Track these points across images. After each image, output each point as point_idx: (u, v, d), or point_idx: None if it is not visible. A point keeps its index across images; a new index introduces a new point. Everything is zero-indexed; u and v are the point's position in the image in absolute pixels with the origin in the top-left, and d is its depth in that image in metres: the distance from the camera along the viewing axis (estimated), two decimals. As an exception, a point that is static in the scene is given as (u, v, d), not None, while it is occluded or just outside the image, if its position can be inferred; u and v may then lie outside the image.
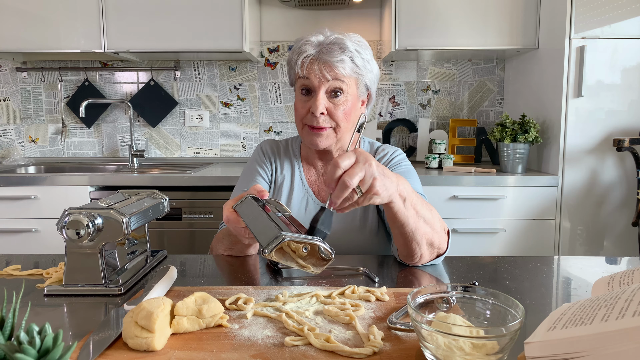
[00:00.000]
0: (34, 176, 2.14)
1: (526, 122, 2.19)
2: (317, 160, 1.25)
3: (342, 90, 1.10)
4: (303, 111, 1.13)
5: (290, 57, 1.16)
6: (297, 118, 1.16)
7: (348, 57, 1.09)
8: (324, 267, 0.72)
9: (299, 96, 1.15)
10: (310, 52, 1.10)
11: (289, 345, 0.62)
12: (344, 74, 1.09)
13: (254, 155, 1.31)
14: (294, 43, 1.16)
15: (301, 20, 2.72)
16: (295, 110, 1.16)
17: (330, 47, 1.09)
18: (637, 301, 0.41)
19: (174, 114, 2.79)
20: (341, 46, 1.09)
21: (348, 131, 1.16)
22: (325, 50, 1.09)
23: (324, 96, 1.10)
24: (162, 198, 1.01)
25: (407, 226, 0.90)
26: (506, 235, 2.13)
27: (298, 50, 1.12)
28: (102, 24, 2.33)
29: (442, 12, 2.31)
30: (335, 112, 1.11)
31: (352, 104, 1.13)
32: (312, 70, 1.09)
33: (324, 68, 1.08)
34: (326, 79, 1.08)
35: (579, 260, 1.04)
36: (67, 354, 0.46)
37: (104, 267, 0.81)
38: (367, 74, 1.14)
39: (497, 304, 0.62)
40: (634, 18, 2.02)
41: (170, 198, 1.07)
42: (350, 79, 1.11)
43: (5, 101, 2.78)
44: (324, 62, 1.08)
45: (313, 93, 1.12)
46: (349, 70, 1.09)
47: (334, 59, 1.08)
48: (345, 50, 1.09)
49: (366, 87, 1.16)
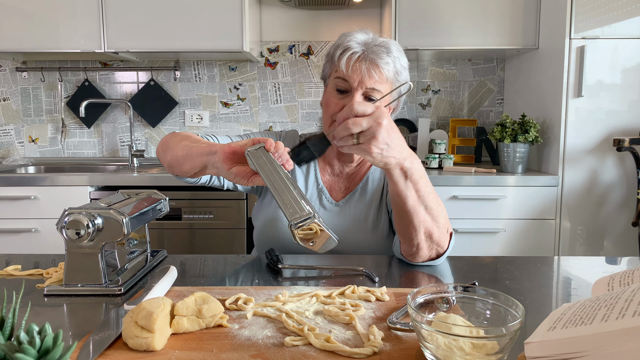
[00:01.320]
0: (34, 176, 2.14)
1: (526, 122, 2.19)
2: (335, 159, 1.24)
3: (376, 97, 1.09)
4: (336, 108, 1.10)
5: (332, 52, 1.13)
6: (326, 114, 1.14)
7: (392, 60, 1.09)
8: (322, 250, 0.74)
9: (333, 92, 1.12)
10: (356, 49, 1.09)
11: (289, 345, 0.62)
12: (387, 76, 1.09)
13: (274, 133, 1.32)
14: (339, 38, 1.14)
15: (301, 20, 2.72)
16: (327, 106, 1.14)
17: (376, 48, 1.09)
18: (637, 301, 0.41)
19: (174, 114, 2.79)
20: (387, 49, 1.10)
21: None
22: (371, 50, 1.09)
23: (360, 98, 1.09)
24: (162, 198, 1.01)
25: (405, 205, 0.92)
26: (506, 235, 2.13)
27: (344, 46, 1.10)
28: (102, 24, 2.33)
29: (442, 12, 2.31)
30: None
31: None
32: (356, 69, 1.08)
33: (370, 67, 1.07)
34: (365, 85, 1.07)
35: (579, 260, 1.04)
36: (67, 354, 0.46)
37: (104, 267, 0.81)
38: (402, 81, 1.14)
39: (497, 304, 0.62)
40: (634, 18, 2.02)
41: (170, 198, 1.07)
42: (387, 85, 1.11)
43: (5, 101, 2.78)
44: (371, 62, 1.07)
45: (347, 93, 1.10)
46: (391, 74, 1.10)
47: (381, 60, 1.08)
48: (390, 53, 1.09)
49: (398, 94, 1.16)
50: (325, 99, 1.15)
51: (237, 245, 2.17)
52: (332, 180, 1.25)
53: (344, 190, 1.23)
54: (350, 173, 1.25)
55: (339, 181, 1.25)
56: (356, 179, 1.24)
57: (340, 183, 1.25)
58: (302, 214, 0.71)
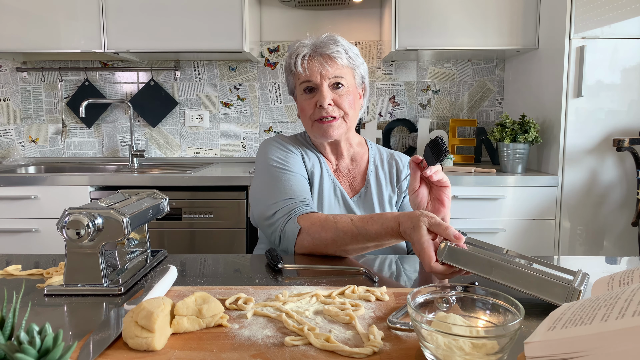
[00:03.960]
0: (34, 176, 2.14)
1: (526, 122, 2.19)
2: (332, 155, 1.27)
3: (343, 82, 1.16)
4: (310, 108, 1.17)
5: (287, 63, 1.21)
6: (305, 118, 1.19)
7: (342, 49, 1.17)
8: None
9: (303, 96, 1.19)
10: (306, 51, 1.16)
11: (289, 345, 0.62)
12: (343, 64, 1.16)
13: (271, 147, 1.21)
14: (288, 51, 1.22)
15: (301, 20, 2.72)
16: (302, 111, 1.19)
17: (324, 42, 1.17)
18: (637, 301, 0.41)
19: (174, 114, 2.79)
20: (334, 40, 1.17)
21: (355, 121, 1.22)
22: (320, 45, 1.16)
23: (328, 89, 1.16)
24: (162, 198, 1.01)
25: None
26: (506, 235, 2.13)
27: (294, 53, 1.18)
28: (102, 24, 2.33)
29: (442, 12, 2.31)
30: (341, 101, 1.16)
31: (354, 94, 1.20)
32: (312, 66, 1.15)
33: (324, 61, 1.14)
34: (327, 73, 1.14)
35: (579, 260, 1.04)
36: (67, 354, 0.46)
37: (104, 267, 0.81)
38: (360, 65, 1.21)
39: (497, 304, 0.62)
40: (634, 18, 2.02)
41: (170, 198, 1.07)
42: (348, 70, 1.18)
43: (5, 101, 2.78)
44: (323, 55, 1.15)
45: (316, 90, 1.17)
46: (345, 61, 1.16)
47: (331, 50, 1.15)
48: (338, 43, 1.17)
49: (361, 77, 1.23)
50: (299, 106, 1.21)
51: (237, 245, 2.17)
52: (335, 175, 1.28)
53: (348, 186, 1.27)
54: (347, 169, 1.28)
55: (341, 177, 1.28)
56: (357, 177, 1.27)
57: (343, 179, 1.28)
58: (565, 293, 0.71)
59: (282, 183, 1.13)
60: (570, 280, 0.72)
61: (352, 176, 1.27)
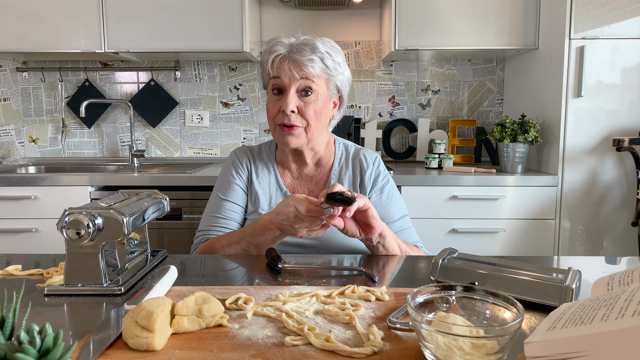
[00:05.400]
0: (34, 176, 2.14)
1: (526, 122, 2.19)
2: (292, 162, 1.25)
3: (312, 90, 1.13)
4: (274, 110, 1.15)
5: (261, 59, 1.18)
6: (269, 118, 1.18)
7: (318, 57, 1.12)
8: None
9: (271, 96, 1.16)
10: (280, 51, 1.13)
11: (289, 345, 0.62)
12: (314, 73, 1.12)
13: (228, 164, 1.30)
14: (267, 44, 1.18)
15: (301, 21, 2.72)
16: (267, 111, 1.18)
17: (300, 47, 1.12)
18: (636, 301, 0.41)
19: (174, 114, 2.79)
20: (312, 47, 1.12)
21: (319, 131, 1.19)
22: (295, 50, 1.12)
23: (295, 95, 1.12)
24: (162, 198, 1.01)
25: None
26: (506, 235, 2.13)
27: (269, 51, 1.14)
28: (102, 24, 2.33)
29: (442, 12, 2.31)
30: (306, 110, 1.13)
31: (323, 103, 1.15)
32: (282, 69, 1.11)
33: (293, 67, 1.11)
34: (295, 78, 1.11)
35: (579, 260, 1.04)
36: (68, 354, 0.46)
37: (104, 267, 0.81)
38: (338, 75, 1.16)
39: (497, 303, 0.62)
40: (634, 18, 2.02)
41: (171, 198, 1.08)
42: (321, 79, 1.14)
43: (5, 101, 2.78)
44: (294, 61, 1.11)
45: (284, 92, 1.14)
46: (318, 70, 1.12)
47: (304, 58, 1.10)
48: (315, 50, 1.12)
49: (337, 88, 1.19)
50: (267, 105, 1.19)
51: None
52: (294, 183, 1.26)
53: (308, 194, 1.24)
54: (310, 175, 1.26)
55: (301, 184, 1.26)
56: (320, 183, 1.25)
57: (303, 186, 1.25)
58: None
59: (212, 208, 1.25)
60: (562, 279, 0.73)
61: (314, 182, 1.25)
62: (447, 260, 0.84)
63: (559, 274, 0.75)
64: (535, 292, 0.74)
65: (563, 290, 0.71)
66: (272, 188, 1.24)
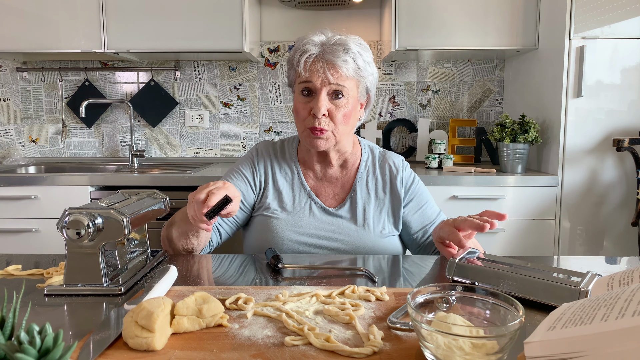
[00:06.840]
0: (34, 176, 2.14)
1: (526, 122, 2.19)
2: (316, 163, 1.23)
3: (343, 94, 1.10)
4: (305, 113, 1.12)
5: (291, 57, 1.14)
6: (298, 120, 1.14)
7: (351, 58, 1.08)
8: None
9: (300, 97, 1.13)
10: (313, 51, 1.09)
11: (289, 345, 0.62)
12: (347, 75, 1.08)
13: (247, 156, 1.27)
14: (295, 42, 1.14)
15: (301, 21, 2.72)
16: (296, 113, 1.14)
17: (333, 47, 1.08)
18: (636, 301, 0.41)
19: (174, 114, 2.79)
20: (344, 47, 1.08)
21: (347, 134, 1.16)
22: (328, 50, 1.08)
23: (326, 97, 1.09)
24: (163, 198, 1.01)
25: None
26: (506, 235, 2.13)
27: (301, 50, 1.10)
28: (102, 24, 2.33)
29: (442, 12, 2.31)
30: (336, 113, 1.10)
31: (352, 106, 1.13)
32: (315, 70, 1.08)
33: (327, 68, 1.07)
34: (328, 81, 1.07)
35: (579, 260, 1.04)
36: (68, 354, 0.46)
37: (104, 267, 0.81)
38: (368, 76, 1.14)
39: (497, 303, 0.62)
40: (634, 18, 2.02)
41: (171, 198, 1.07)
42: (352, 80, 1.11)
43: (5, 101, 2.78)
44: (328, 62, 1.07)
45: (314, 94, 1.10)
46: (351, 72, 1.09)
47: (338, 59, 1.07)
48: (348, 51, 1.08)
49: (366, 89, 1.16)
50: (295, 106, 1.16)
51: (237, 245, 2.17)
52: (317, 184, 1.23)
53: (332, 196, 1.22)
54: (335, 177, 1.23)
55: (325, 185, 1.23)
56: (346, 185, 1.23)
57: (327, 187, 1.23)
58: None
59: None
60: (578, 283, 0.72)
61: (340, 184, 1.23)
62: (464, 260, 0.85)
63: (576, 277, 0.75)
64: (550, 294, 0.74)
65: (577, 294, 0.71)
66: (296, 188, 1.22)
